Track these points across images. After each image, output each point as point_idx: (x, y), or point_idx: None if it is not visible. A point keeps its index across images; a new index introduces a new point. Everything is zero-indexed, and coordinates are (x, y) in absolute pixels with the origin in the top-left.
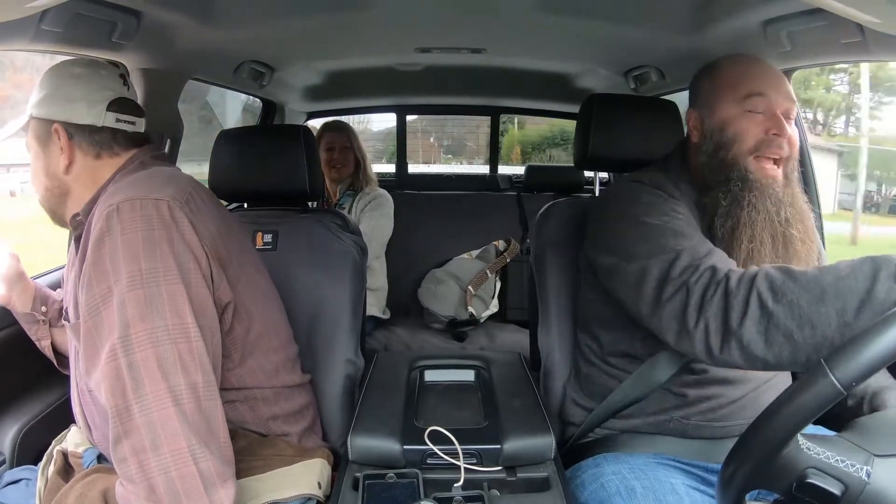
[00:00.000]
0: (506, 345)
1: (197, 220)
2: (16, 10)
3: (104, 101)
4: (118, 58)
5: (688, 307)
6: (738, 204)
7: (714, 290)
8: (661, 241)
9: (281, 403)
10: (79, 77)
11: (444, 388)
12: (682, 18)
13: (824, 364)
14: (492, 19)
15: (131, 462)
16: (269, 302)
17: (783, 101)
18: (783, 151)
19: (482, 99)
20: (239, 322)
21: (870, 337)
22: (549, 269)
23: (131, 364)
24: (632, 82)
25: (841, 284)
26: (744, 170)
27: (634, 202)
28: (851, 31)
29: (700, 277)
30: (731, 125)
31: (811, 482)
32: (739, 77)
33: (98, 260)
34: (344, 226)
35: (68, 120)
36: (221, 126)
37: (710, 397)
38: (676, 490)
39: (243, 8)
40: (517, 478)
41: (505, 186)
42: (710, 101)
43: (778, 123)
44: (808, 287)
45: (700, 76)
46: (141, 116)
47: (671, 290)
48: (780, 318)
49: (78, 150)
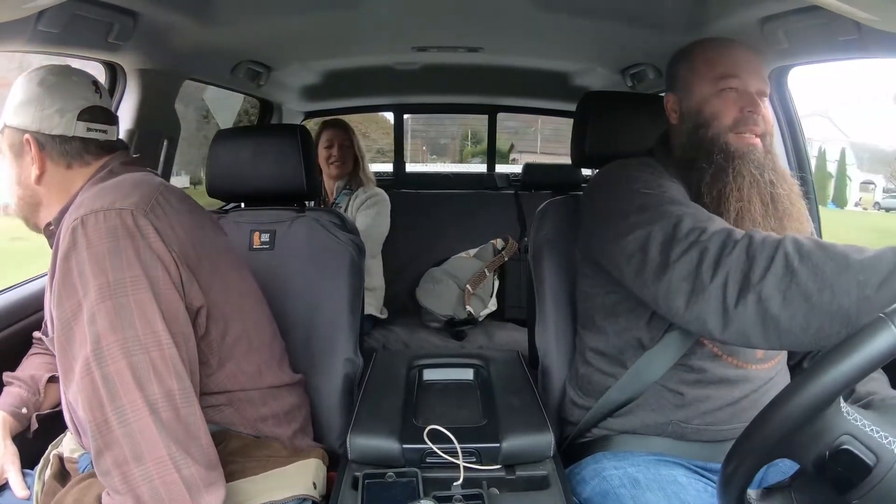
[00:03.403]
0: (504, 343)
1: (163, 225)
2: (12, 10)
3: (75, 111)
4: (115, 58)
5: (703, 263)
6: (723, 171)
7: (733, 247)
8: (660, 209)
9: (270, 404)
10: (50, 86)
11: (442, 387)
12: (679, 16)
13: (886, 317)
14: (489, 18)
15: (115, 474)
16: (248, 302)
17: (756, 81)
18: (759, 128)
19: (479, 98)
20: (214, 325)
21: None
22: (547, 268)
23: (105, 376)
24: (629, 80)
25: (866, 261)
26: (724, 144)
27: (626, 180)
28: (848, 28)
29: (714, 235)
30: (707, 105)
31: (848, 448)
32: (714, 59)
33: (66, 275)
34: (341, 225)
35: (39, 130)
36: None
37: (708, 397)
38: (678, 480)
39: (240, 8)
40: (516, 476)
41: (502, 185)
42: (686, 84)
43: (752, 101)
44: (833, 256)
45: (675, 60)
46: (113, 124)
47: (679, 250)
48: (803, 278)
49: (49, 160)
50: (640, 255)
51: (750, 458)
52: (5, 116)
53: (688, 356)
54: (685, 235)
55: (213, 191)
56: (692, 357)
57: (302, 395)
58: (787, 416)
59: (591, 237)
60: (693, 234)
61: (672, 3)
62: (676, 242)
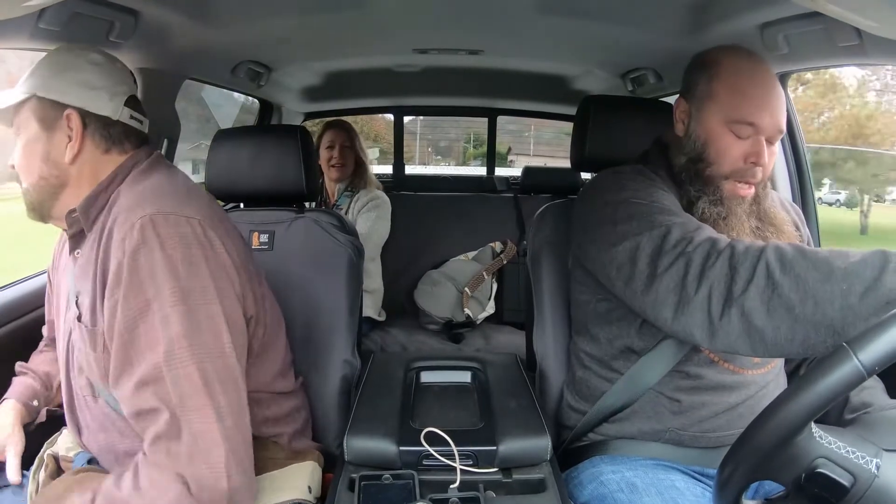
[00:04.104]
0: (502, 346)
1: (227, 239)
2: (13, 8)
3: (123, 95)
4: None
5: (688, 275)
6: (714, 205)
7: (716, 258)
8: (649, 219)
9: (273, 408)
10: (99, 65)
11: (440, 390)
12: (679, 21)
13: (848, 347)
14: (489, 20)
15: (166, 464)
16: (274, 311)
17: (771, 130)
18: (756, 179)
19: (479, 100)
20: (253, 334)
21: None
22: (546, 271)
23: (176, 379)
24: (629, 84)
25: (850, 268)
26: (716, 188)
27: (618, 188)
28: (849, 34)
29: (698, 247)
30: (713, 142)
31: (822, 472)
32: (736, 93)
33: (134, 271)
34: (340, 226)
35: (86, 108)
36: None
37: (704, 404)
38: (676, 485)
39: (241, 8)
40: (513, 479)
41: (502, 188)
42: (700, 102)
43: (758, 153)
44: (816, 265)
45: (699, 68)
46: (147, 117)
47: (667, 261)
48: (785, 289)
49: (90, 140)
50: (630, 265)
51: (742, 467)
52: (33, 85)
53: (684, 362)
54: (673, 247)
55: (212, 191)
56: (688, 363)
57: (302, 398)
58: (762, 441)
59: (581, 245)
60: (681, 244)
61: (672, 7)
62: (664, 254)
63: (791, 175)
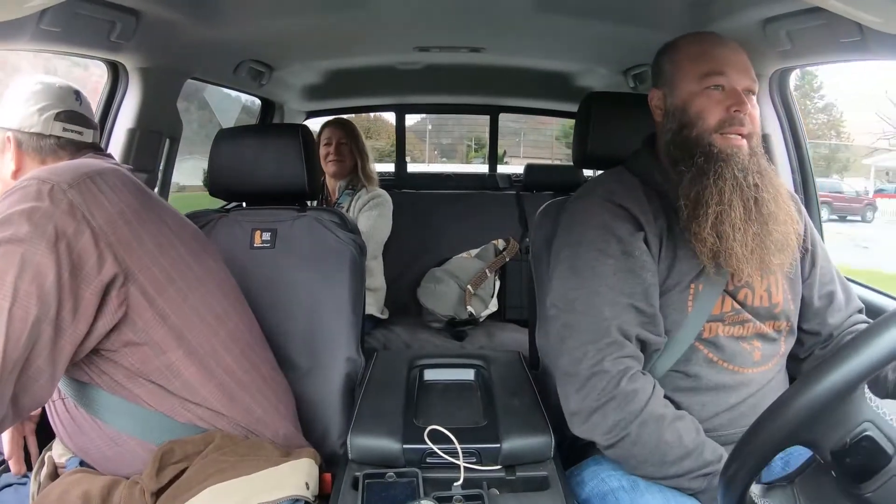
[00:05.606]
0: (505, 344)
1: (88, 202)
2: (14, 9)
3: (53, 111)
4: (117, 57)
5: (590, 395)
6: (704, 173)
7: (607, 402)
8: (595, 299)
9: (262, 404)
10: (35, 91)
11: (443, 387)
12: (681, 17)
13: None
14: (491, 18)
15: None
16: (199, 294)
17: (743, 78)
18: (745, 128)
19: (481, 98)
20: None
21: None
22: (548, 269)
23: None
24: (631, 81)
25: (679, 460)
26: (708, 145)
27: (589, 227)
28: (851, 30)
29: (609, 380)
30: (692, 103)
31: (869, 435)
32: (699, 55)
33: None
34: (342, 224)
35: (19, 128)
36: None
37: (704, 405)
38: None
39: (243, 7)
40: (516, 477)
41: (504, 185)
42: (671, 80)
43: (738, 100)
44: (654, 451)
45: (661, 55)
46: (90, 128)
47: (587, 365)
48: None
49: (26, 156)
50: (558, 335)
51: (767, 445)
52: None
53: (683, 362)
54: (598, 350)
55: (214, 190)
56: (687, 363)
57: (290, 395)
58: (812, 400)
59: (548, 265)
60: (601, 363)
61: (674, 4)
62: (586, 358)
63: (793, 170)
